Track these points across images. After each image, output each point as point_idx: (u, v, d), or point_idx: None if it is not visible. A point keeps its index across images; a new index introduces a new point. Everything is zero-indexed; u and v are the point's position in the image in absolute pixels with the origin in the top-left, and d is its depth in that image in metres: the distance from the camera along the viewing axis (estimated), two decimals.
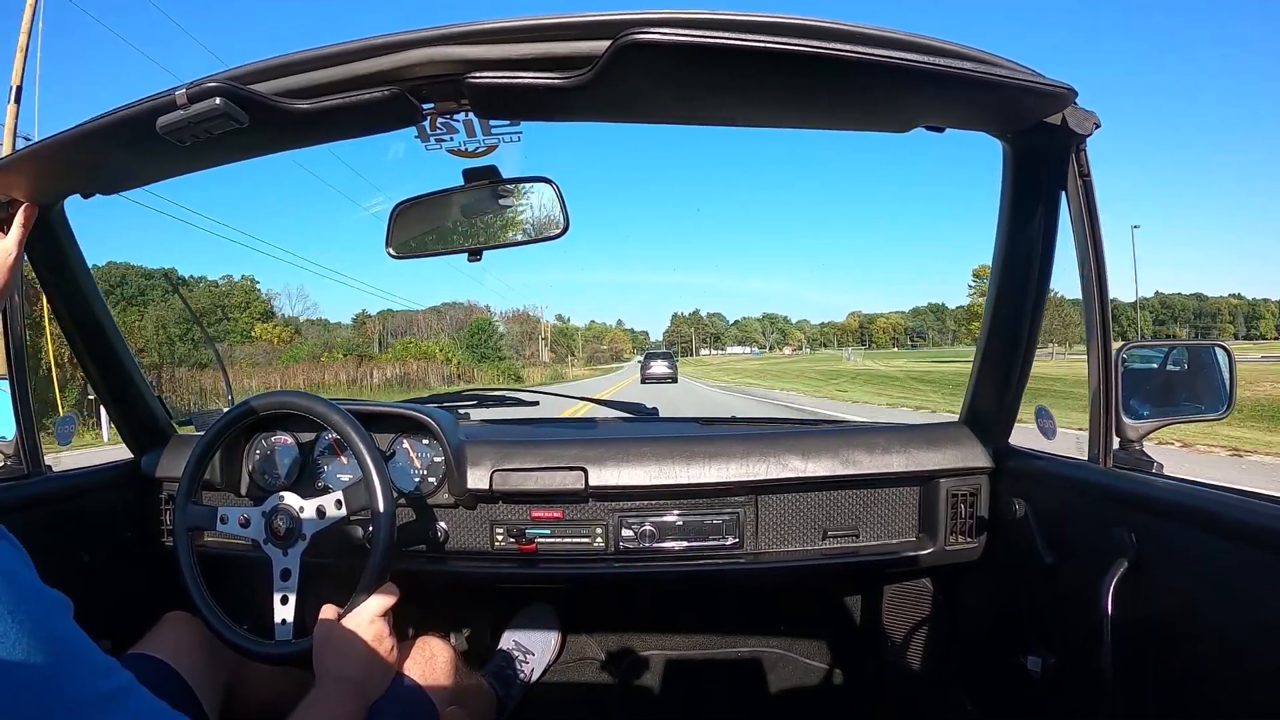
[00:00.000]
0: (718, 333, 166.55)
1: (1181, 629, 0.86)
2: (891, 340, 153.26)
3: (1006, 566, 1.30)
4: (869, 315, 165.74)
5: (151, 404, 1.50)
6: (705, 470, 1.31)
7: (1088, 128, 0.92)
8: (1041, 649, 1.14)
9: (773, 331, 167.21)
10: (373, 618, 1.04)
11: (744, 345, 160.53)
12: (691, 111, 0.97)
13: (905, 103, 0.93)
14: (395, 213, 1.28)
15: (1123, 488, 0.97)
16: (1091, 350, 1.03)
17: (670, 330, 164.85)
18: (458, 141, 1.03)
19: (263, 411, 1.21)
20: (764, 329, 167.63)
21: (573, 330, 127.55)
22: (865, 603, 1.75)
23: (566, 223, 1.21)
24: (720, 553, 1.35)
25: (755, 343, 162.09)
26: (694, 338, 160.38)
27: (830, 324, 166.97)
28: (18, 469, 1.29)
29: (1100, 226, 1.00)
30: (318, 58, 0.83)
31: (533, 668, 1.72)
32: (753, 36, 0.73)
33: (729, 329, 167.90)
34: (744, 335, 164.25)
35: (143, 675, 0.58)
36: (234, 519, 1.16)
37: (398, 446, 1.40)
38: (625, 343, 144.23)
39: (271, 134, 0.95)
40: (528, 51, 0.79)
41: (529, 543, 1.36)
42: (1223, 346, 1.13)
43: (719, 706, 1.73)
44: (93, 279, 1.33)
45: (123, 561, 1.42)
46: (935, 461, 1.31)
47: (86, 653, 0.53)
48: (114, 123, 0.88)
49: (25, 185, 1.01)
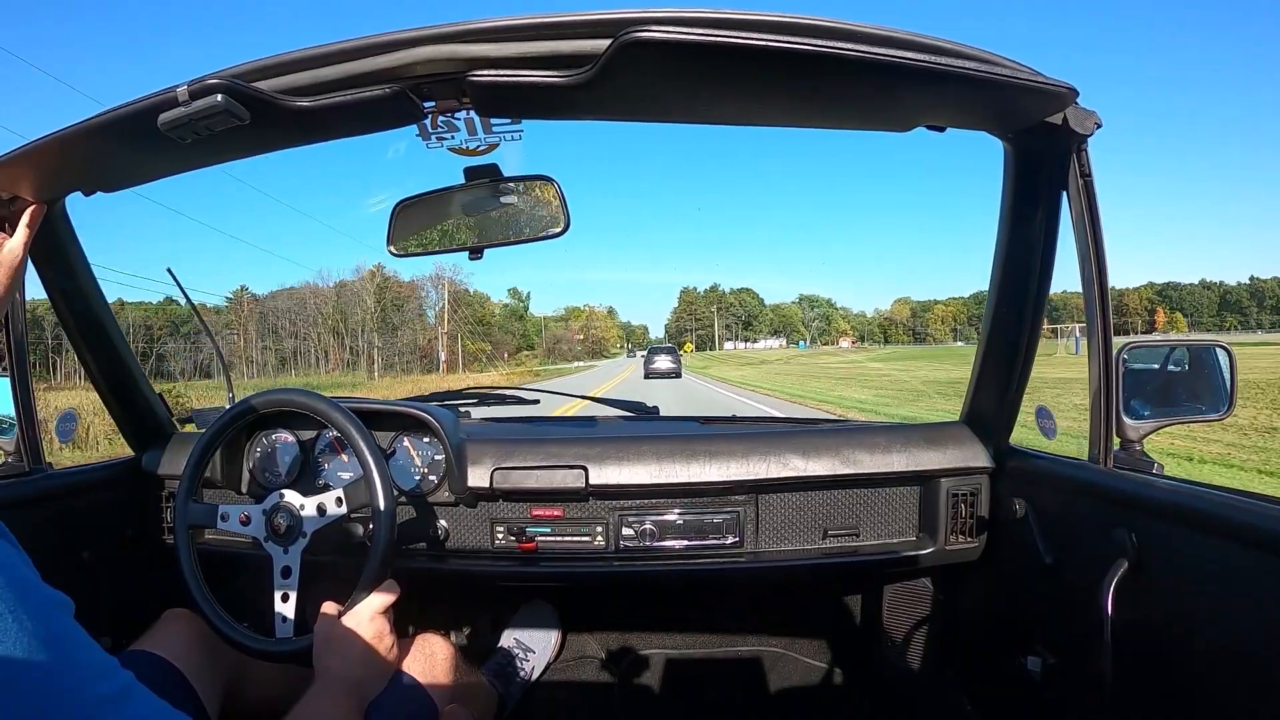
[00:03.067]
0: (749, 316, 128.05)
1: (1181, 630, 0.86)
2: (952, 331, 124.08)
3: (1007, 567, 1.30)
4: (922, 303, 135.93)
5: (152, 402, 1.50)
6: (706, 469, 1.31)
7: (1089, 127, 0.92)
8: (1041, 649, 1.14)
9: (814, 319, 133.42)
10: (373, 615, 1.04)
11: (778, 336, 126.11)
12: (693, 110, 0.97)
13: (905, 102, 0.93)
14: (396, 211, 1.28)
15: (1123, 488, 0.97)
16: (1092, 350, 1.03)
17: (679, 312, 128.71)
18: (459, 140, 1.02)
19: (264, 409, 1.21)
20: (804, 315, 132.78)
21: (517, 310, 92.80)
22: (865, 602, 1.75)
23: (567, 221, 1.21)
24: (720, 551, 1.35)
25: (797, 333, 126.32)
26: (715, 322, 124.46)
27: (877, 313, 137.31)
28: (19, 466, 1.29)
29: (1101, 226, 1.00)
30: (319, 55, 0.83)
31: (533, 666, 1.72)
32: (754, 35, 0.73)
33: (764, 313, 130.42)
34: (782, 322, 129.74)
35: (143, 673, 0.58)
36: (234, 517, 1.16)
37: (398, 444, 1.41)
38: (611, 332, 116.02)
39: (272, 131, 0.95)
40: (529, 50, 0.79)
41: (529, 541, 1.36)
42: (1224, 347, 1.13)
43: (719, 705, 1.73)
44: (94, 276, 1.33)
45: (123, 559, 1.42)
46: (936, 461, 1.31)
47: (87, 654, 0.53)
48: (115, 119, 0.88)
49: (26, 182, 1.01)
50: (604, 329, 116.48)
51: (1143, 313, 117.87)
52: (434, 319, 51.89)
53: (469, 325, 68.05)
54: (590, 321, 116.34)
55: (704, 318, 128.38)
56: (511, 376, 38.90)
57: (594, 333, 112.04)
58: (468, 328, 66.45)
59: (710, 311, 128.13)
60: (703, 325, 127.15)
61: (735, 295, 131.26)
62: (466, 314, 68.92)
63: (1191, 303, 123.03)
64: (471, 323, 69.78)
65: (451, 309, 61.28)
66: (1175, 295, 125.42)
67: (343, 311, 51.90)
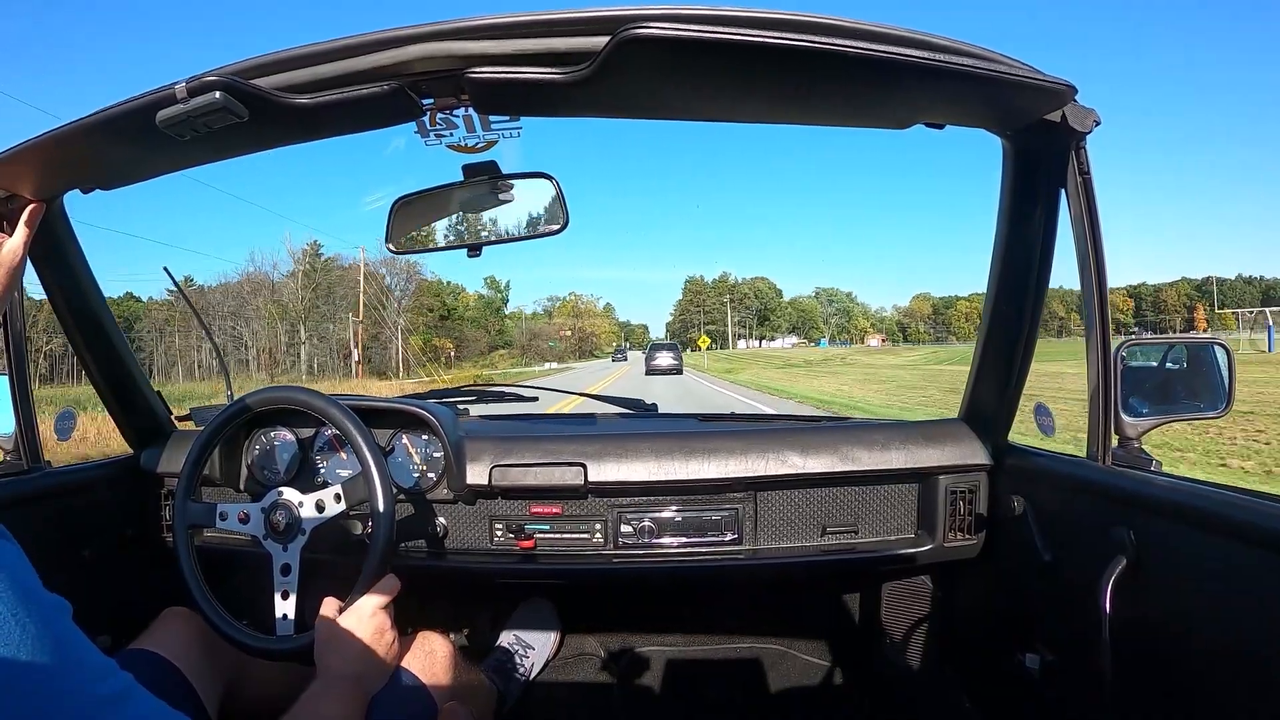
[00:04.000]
0: (764, 310, 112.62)
1: (1180, 627, 0.86)
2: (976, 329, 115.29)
3: (1005, 564, 1.30)
4: (943, 298, 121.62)
5: (151, 400, 1.50)
6: (704, 466, 1.31)
7: (1088, 125, 0.92)
8: (1040, 646, 1.14)
9: (833, 314, 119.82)
10: (373, 613, 1.04)
11: (794, 333, 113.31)
12: (691, 107, 0.96)
13: (904, 99, 0.93)
14: (395, 208, 1.28)
15: (1122, 485, 0.97)
16: (1091, 348, 1.03)
17: (684, 304, 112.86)
18: (457, 137, 1.02)
19: (262, 407, 1.21)
20: (822, 311, 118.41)
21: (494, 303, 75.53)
22: (864, 599, 1.76)
23: (566, 219, 1.21)
24: (719, 549, 1.35)
25: (816, 330, 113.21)
26: (728, 315, 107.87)
27: (895, 309, 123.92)
28: (17, 464, 1.29)
29: (1100, 224, 1.00)
30: (318, 53, 0.83)
31: (532, 663, 1.72)
32: (753, 32, 0.73)
33: (781, 306, 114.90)
34: (801, 317, 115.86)
35: (142, 671, 0.58)
36: (233, 515, 1.16)
37: (397, 442, 1.41)
38: (602, 326, 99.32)
39: (271, 129, 0.94)
40: (528, 47, 0.79)
41: (528, 538, 1.37)
42: (1222, 345, 1.13)
43: (717, 702, 1.73)
44: (92, 274, 1.33)
45: (122, 557, 1.42)
46: (934, 458, 1.31)
47: (87, 655, 0.53)
48: (114, 117, 0.88)
49: (24, 180, 1.01)
50: (597, 324, 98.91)
51: (1181, 310, 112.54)
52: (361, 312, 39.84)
53: (427, 317, 55.79)
54: (578, 314, 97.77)
55: (713, 311, 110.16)
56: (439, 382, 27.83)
57: (584, 327, 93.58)
58: (424, 320, 55.37)
59: (721, 303, 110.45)
60: (712, 319, 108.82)
61: (749, 285, 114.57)
62: (423, 306, 55.82)
63: (1233, 297, 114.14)
64: (428, 314, 56.17)
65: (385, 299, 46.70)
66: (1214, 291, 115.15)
67: (283, 304, 42.88)
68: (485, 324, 65.48)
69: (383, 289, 46.57)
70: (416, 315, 53.16)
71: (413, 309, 51.90)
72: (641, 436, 1.36)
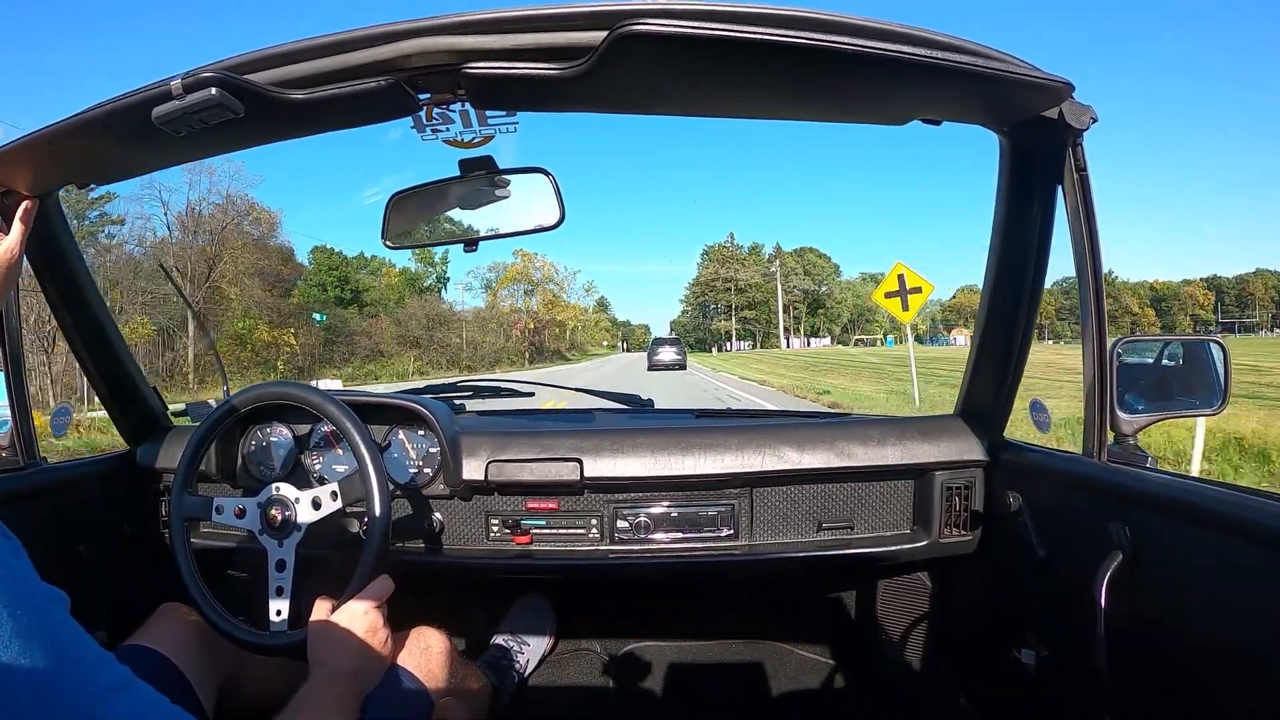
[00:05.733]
0: (816, 294, 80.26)
1: (1175, 622, 0.87)
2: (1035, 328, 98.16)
3: (1001, 560, 1.31)
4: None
5: (147, 395, 1.50)
6: (700, 462, 1.31)
7: (1085, 122, 0.92)
8: (1036, 642, 1.15)
9: None
10: (368, 609, 1.04)
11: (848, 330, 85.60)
12: (688, 102, 0.96)
13: (901, 95, 0.93)
14: (391, 203, 1.28)
15: (1117, 481, 0.97)
16: (1087, 344, 1.03)
17: (701, 284, 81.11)
18: (454, 132, 1.02)
19: (258, 403, 1.21)
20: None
21: (416, 278, 49.76)
22: (860, 595, 1.76)
23: (562, 213, 1.21)
24: (715, 544, 1.36)
25: (875, 324, 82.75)
26: (779, 293, 75.82)
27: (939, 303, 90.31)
28: (13, 461, 1.29)
29: (1097, 221, 1.00)
30: (314, 47, 0.83)
31: (528, 659, 1.72)
32: (751, 28, 0.73)
33: (839, 288, 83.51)
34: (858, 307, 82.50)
35: (139, 666, 0.58)
36: (229, 510, 1.16)
37: (393, 438, 1.41)
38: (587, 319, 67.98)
39: (267, 124, 0.94)
40: (525, 42, 0.79)
41: (524, 534, 1.37)
42: (1218, 341, 1.14)
43: (713, 697, 1.74)
44: (88, 269, 1.33)
45: (118, 553, 1.42)
46: (930, 454, 1.32)
47: (84, 649, 0.53)
48: (109, 112, 0.88)
49: (20, 175, 1.01)
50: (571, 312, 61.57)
51: (1269, 304, 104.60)
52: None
53: (322, 296, 37.19)
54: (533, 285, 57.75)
55: (750, 290, 75.64)
56: None
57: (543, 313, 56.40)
58: (304, 300, 35.52)
59: (760, 280, 76.11)
60: (751, 302, 75.41)
61: (793, 257, 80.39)
62: (322, 283, 37.72)
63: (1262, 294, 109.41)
64: (320, 292, 37.96)
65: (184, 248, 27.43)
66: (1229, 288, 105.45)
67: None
68: (408, 315, 41.97)
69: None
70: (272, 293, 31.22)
71: (251, 274, 30.05)
72: (638, 432, 1.36)
